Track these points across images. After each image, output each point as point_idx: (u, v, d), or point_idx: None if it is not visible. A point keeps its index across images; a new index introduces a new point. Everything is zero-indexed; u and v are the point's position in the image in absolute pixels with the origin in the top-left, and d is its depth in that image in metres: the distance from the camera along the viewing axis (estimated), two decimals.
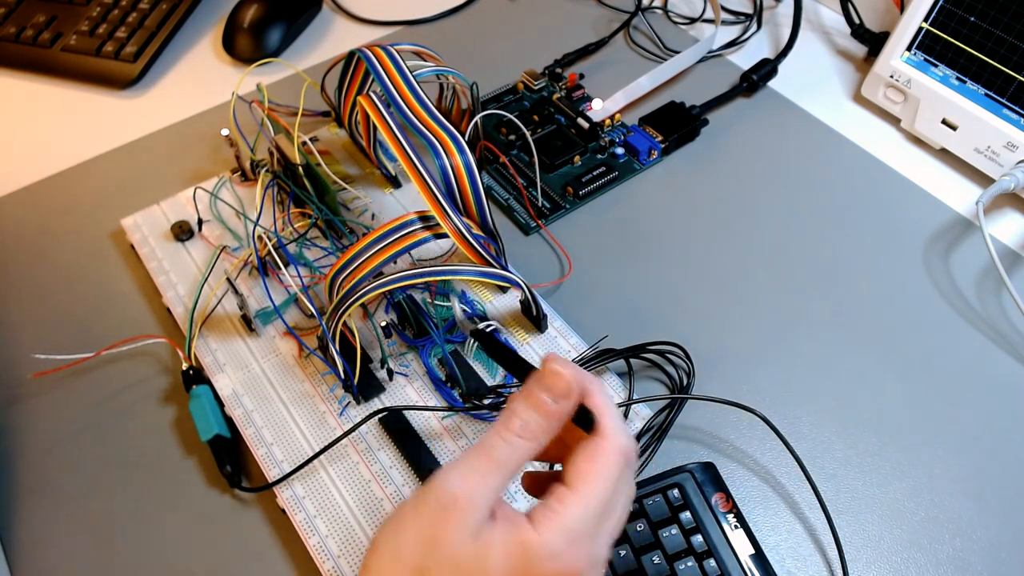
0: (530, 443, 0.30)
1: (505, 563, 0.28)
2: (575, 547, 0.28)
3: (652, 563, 0.39)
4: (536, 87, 0.66)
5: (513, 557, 0.28)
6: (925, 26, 0.58)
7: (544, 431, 0.30)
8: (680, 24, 0.73)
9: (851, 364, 0.48)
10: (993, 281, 0.52)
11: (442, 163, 0.45)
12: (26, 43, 0.73)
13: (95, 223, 0.60)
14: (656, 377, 0.48)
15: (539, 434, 0.30)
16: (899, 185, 0.58)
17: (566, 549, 0.28)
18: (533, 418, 0.30)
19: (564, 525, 0.28)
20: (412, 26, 0.75)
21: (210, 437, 0.45)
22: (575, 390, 0.30)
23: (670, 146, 0.61)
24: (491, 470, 0.29)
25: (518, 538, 0.28)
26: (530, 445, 0.30)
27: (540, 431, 0.30)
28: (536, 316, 0.49)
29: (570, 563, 0.28)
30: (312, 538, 0.42)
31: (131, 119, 0.68)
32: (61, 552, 0.44)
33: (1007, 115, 0.55)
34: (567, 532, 0.28)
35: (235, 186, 0.59)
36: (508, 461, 0.29)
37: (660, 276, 0.54)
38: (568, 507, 0.29)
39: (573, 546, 0.28)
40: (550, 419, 0.30)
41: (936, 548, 0.41)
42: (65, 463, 0.47)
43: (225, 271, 0.53)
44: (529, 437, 0.30)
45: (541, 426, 0.30)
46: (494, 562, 0.28)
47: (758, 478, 0.44)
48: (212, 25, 0.77)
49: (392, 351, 0.49)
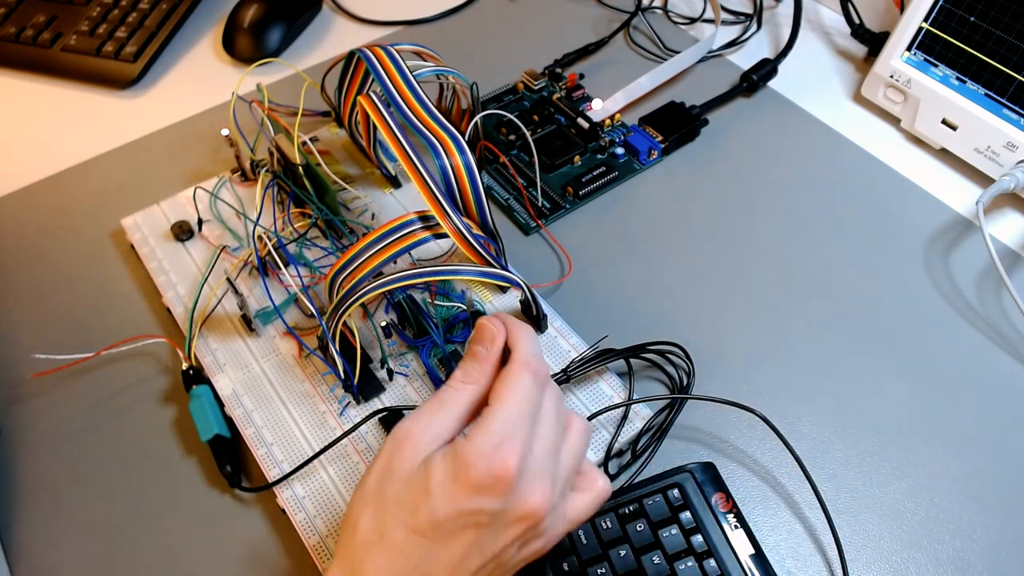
0: (471, 385, 0.36)
1: (444, 470, 0.33)
2: (502, 447, 0.33)
3: (652, 563, 0.39)
4: (536, 87, 0.66)
5: (449, 464, 0.33)
6: (925, 26, 0.58)
7: (481, 372, 0.36)
8: (680, 24, 0.73)
9: (851, 364, 0.48)
10: (993, 281, 0.52)
11: (442, 163, 0.45)
12: (26, 43, 0.73)
13: (95, 223, 0.60)
14: (656, 377, 0.48)
15: (478, 376, 0.36)
16: (899, 185, 0.58)
17: (493, 448, 0.32)
18: (470, 365, 0.36)
19: (488, 429, 0.33)
20: (412, 26, 0.75)
21: (210, 437, 0.45)
22: (499, 334, 0.37)
23: (670, 146, 0.61)
24: (437, 410, 0.35)
25: (453, 449, 0.33)
26: (471, 387, 0.36)
27: (478, 373, 0.36)
28: (536, 316, 0.49)
29: (500, 460, 0.32)
30: (312, 538, 0.42)
31: (131, 119, 0.68)
32: (61, 552, 0.44)
33: (1007, 115, 0.55)
34: (491, 434, 0.33)
35: (235, 186, 0.59)
36: (452, 401, 0.35)
37: (660, 276, 0.54)
38: (488, 417, 0.34)
39: (500, 447, 0.33)
40: (483, 362, 0.36)
41: (936, 548, 0.41)
42: (65, 463, 0.47)
43: (225, 271, 0.53)
44: (470, 381, 0.36)
45: (477, 369, 0.36)
46: (436, 475, 0.33)
47: (758, 478, 0.44)
48: (212, 25, 0.77)
49: (392, 351, 0.49)
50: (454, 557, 0.33)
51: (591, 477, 0.37)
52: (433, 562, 0.33)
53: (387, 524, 0.33)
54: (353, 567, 0.33)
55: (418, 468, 0.33)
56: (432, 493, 0.33)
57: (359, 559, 0.33)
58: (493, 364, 0.36)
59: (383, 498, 0.34)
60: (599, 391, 0.47)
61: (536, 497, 0.33)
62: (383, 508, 0.34)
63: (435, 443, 0.34)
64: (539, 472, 0.34)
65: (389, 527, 0.33)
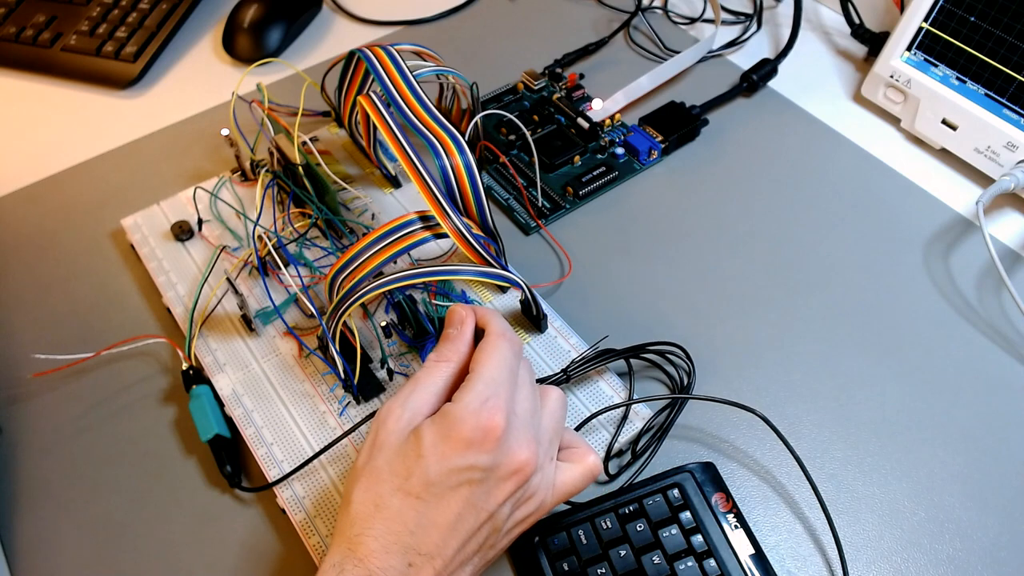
0: (444, 364, 0.38)
1: (433, 433, 0.35)
2: (488, 403, 0.35)
3: (652, 563, 0.39)
4: (536, 87, 0.66)
5: (439, 426, 0.35)
6: (925, 26, 0.58)
7: (453, 351, 0.39)
8: (680, 24, 0.73)
9: (851, 364, 0.48)
10: (993, 281, 0.52)
11: (442, 163, 0.45)
12: (26, 43, 0.73)
13: (95, 223, 0.60)
14: (656, 377, 0.48)
15: (450, 355, 0.38)
16: (899, 185, 0.58)
17: (480, 404, 0.35)
18: (443, 345, 0.39)
19: (473, 388, 0.36)
20: (412, 26, 0.75)
21: (210, 437, 0.45)
22: (467, 317, 0.40)
23: (670, 146, 0.61)
24: (415, 388, 0.37)
25: (441, 413, 0.35)
26: (444, 365, 0.38)
27: (450, 352, 0.39)
28: (536, 316, 0.49)
29: (487, 415, 0.34)
30: (312, 538, 0.42)
31: (131, 119, 0.68)
32: (61, 552, 0.44)
33: (1007, 115, 0.55)
34: (476, 395, 0.35)
35: (235, 186, 0.59)
36: (428, 379, 0.38)
37: (660, 276, 0.54)
38: (472, 379, 0.36)
39: (486, 403, 0.35)
40: (455, 342, 0.39)
41: (936, 548, 0.41)
42: (65, 463, 0.47)
43: (225, 271, 0.53)
44: (443, 360, 0.38)
45: (450, 348, 0.39)
46: (426, 438, 0.35)
47: (758, 478, 0.44)
48: (212, 25, 0.77)
49: (392, 351, 0.49)
50: (449, 517, 0.34)
51: (581, 451, 0.39)
52: (429, 524, 0.34)
53: (382, 493, 0.34)
54: (351, 541, 0.34)
55: (407, 437, 0.35)
56: (424, 456, 0.34)
57: (356, 533, 0.34)
58: (466, 343, 0.39)
59: (374, 469, 0.35)
60: (599, 391, 0.47)
61: (524, 451, 0.35)
62: (376, 479, 0.35)
63: (417, 417, 0.36)
64: (523, 428, 0.36)
65: (384, 495, 0.34)
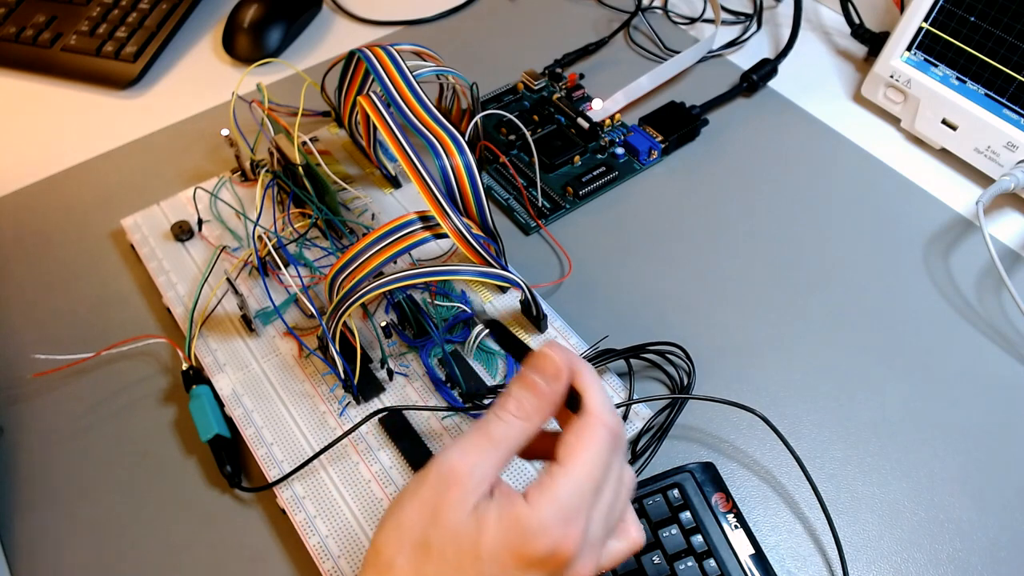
0: (524, 423, 0.31)
1: (500, 538, 0.29)
2: (567, 523, 0.29)
3: (652, 563, 0.39)
4: (536, 87, 0.66)
5: (508, 532, 0.29)
6: (925, 26, 0.58)
7: (537, 410, 0.32)
8: (680, 24, 0.73)
9: (851, 364, 0.48)
10: (993, 281, 0.52)
11: (442, 163, 0.45)
12: (26, 43, 0.73)
13: (95, 223, 0.60)
14: (656, 377, 0.48)
15: (533, 414, 0.31)
16: (899, 185, 0.58)
17: (558, 524, 0.29)
18: (526, 397, 0.32)
19: (555, 498, 0.29)
20: (412, 26, 0.75)
21: (210, 437, 0.45)
22: (564, 371, 0.32)
23: (670, 146, 0.61)
24: (488, 447, 0.31)
25: (512, 512, 0.29)
26: (525, 424, 0.31)
27: (533, 411, 0.31)
28: (536, 316, 0.49)
29: (561, 539, 0.29)
30: (312, 538, 0.42)
31: (131, 119, 0.68)
32: (61, 552, 0.44)
33: (1007, 115, 0.55)
34: (558, 506, 0.29)
35: (235, 186, 0.59)
36: (504, 438, 0.31)
37: (660, 276, 0.54)
38: (558, 481, 0.30)
39: (564, 522, 0.29)
40: (542, 399, 0.32)
41: (936, 548, 0.41)
42: (65, 463, 0.47)
43: (225, 271, 0.53)
44: (523, 417, 0.31)
45: (534, 405, 0.32)
46: (489, 535, 0.29)
47: (758, 478, 0.44)
48: (212, 25, 0.77)
49: (392, 351, 0.49)
50: None
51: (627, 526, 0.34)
52: None
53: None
54: None
55: (467, 519, 0.30)
56: (483, 559, 0.29)
57: None
58: (553, 404, 0.32)
59: (426, 546, 0.30)
60: None
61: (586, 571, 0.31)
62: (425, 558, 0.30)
63: (482, 486, 0.30)
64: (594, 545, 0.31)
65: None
